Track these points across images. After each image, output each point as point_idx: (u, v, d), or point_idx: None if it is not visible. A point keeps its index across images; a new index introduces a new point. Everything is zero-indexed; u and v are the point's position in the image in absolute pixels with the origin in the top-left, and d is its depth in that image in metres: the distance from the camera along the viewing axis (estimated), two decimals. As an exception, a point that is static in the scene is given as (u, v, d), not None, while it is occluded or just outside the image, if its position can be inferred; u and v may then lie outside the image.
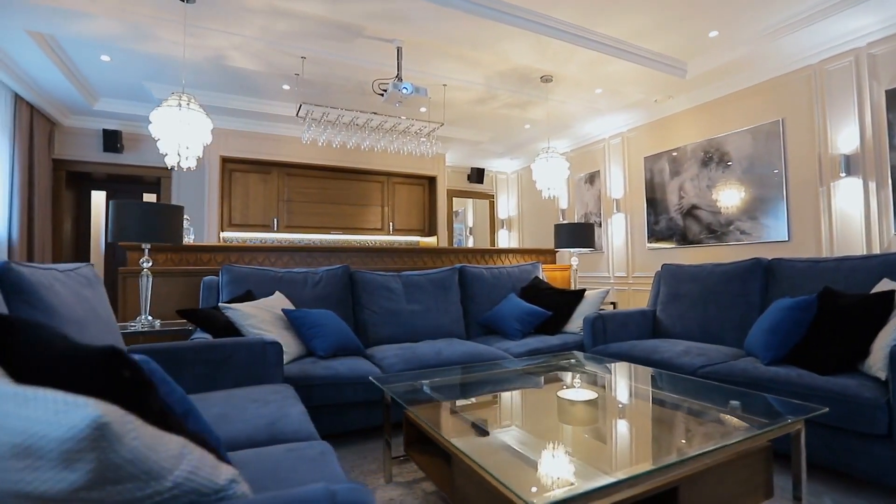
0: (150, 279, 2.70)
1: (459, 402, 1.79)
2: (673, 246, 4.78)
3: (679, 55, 4.07)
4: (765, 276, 2.74)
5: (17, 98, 4.30)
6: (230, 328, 2.43)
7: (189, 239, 3.44)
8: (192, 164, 3.01)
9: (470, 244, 8.96)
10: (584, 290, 3.47)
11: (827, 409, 1.47)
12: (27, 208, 4.48)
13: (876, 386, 1.73)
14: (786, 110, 3.84)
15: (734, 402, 1.59)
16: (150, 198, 5.88)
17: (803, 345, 2.11)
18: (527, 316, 3.24)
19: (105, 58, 3.96)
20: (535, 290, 3.56)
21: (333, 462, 1.19)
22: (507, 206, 7.91)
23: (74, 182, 5.46)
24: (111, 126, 5.21)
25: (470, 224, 9.80)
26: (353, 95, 4.59)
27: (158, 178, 5.57)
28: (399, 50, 3.65)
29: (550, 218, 6.80)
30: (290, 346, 2.49)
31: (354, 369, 2.37)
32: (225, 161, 5.40)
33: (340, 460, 2.12)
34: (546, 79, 4.33)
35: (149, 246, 2.72)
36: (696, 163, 4.54)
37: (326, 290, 3.03)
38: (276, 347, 2.10)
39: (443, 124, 4.39)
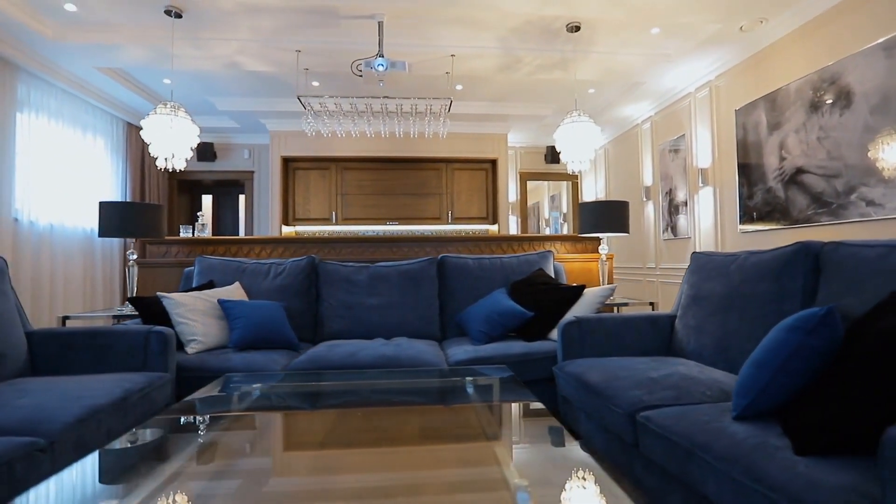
0: (136, 269, 3.03)
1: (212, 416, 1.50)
2: (772, 227, 3.46)
3: (755, -44, 2.87)
4: (812, 269, 1.72)
5: (128, 126, 5.33)
6: (164, 316, 2.56)
7: (204, 234, 3.78)
8: (182, 165, 3.28)
9: (565, 231, 8.12)
10: (583, 287, 2.73)
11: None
12: (141, 212, 5.56)
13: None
14: (945, 2, 2.38)
15: None
16: (241, 198, 6.74)
17: (811, 393, 1.23)
18: (498, 317, 2.69)
19: (166, 81, 4.62)
20: (528, 286, 2.94)
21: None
22: (593, 187, 6.88)
23: (188, 189, 6.59)
24: (204, 139, 6.11)
25: (564, 209, 8.90)
26: (373, 82, 4.46)
27: (244, 181, 6.36)
28: (380, 25, 3.38)
29: (635, 198, 5.66)
30: (214, 336, 2.50)
31: (251, 363, 2.26)
32: (287, 161, 5.86)
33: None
34: (572, 27, 3.53)
35: (134, 240, 3.05)
36: (801, 107, 3.18)
37: (286, 282, 2.98)
38: (160, 337, 2.12)
39: (451, 100, 3.95)
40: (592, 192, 6.88)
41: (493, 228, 6.19)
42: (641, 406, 1.56)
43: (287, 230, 5.91)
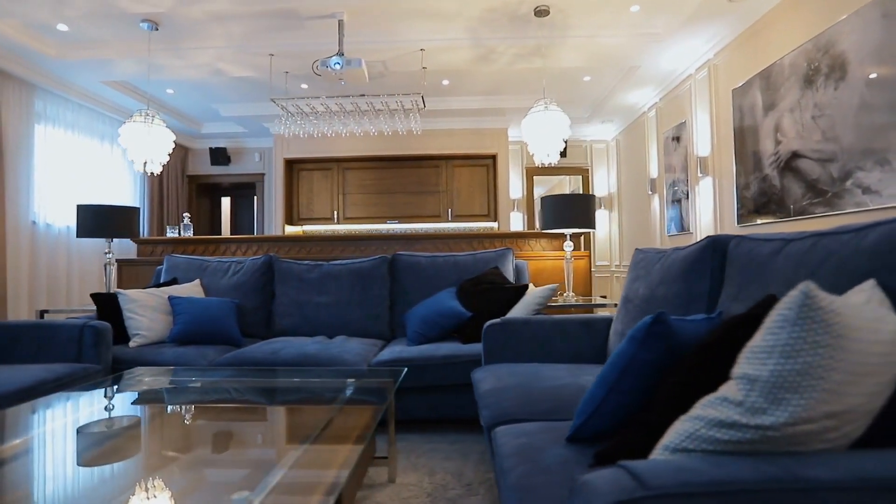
0: (114, 268, 3.22)
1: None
2: (768, 220, 3.08)
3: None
4: (719, 268, 1.49)
5: (146, 132, 5.72)
6: (119, 311, 2.70)
7: (187, 233, 3.95)
8: (158, 169, 3.44)
9: (585, 229, 7.75)
10: (525, 287, 2.57)
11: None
12: (158, 214, 5.94)
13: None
14: (945, -53, 1.98)
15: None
16: (255, 199, 7.03)
17: (647, 413, 1.05)
18: (436, 317, 2.59)
19: (169, 91, 4.88)
20: (475, 285, 2.80)
21: None
22: (605, 182, 6.49)
23: (207, 192, 6.96)
24: (218, 144, 6.43)
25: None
26: (361, 82, 4.45)
27: (256, 183, 6.62)
28: (340, 23, 3.36)
29: (641, 192, 5.27)
30: (158, 331, 2.58)
31: (181, 358, 2.33)
32: (290, 162, 6.02)
33: None
34: (541, 11, 3.33)
35: (111, 240, 3.24)
36: (796, 82, 2.79)
37: (243, 279, 3.04)
38: (93, 330, 2.24)
39: (421, 94, 3.85)
40: (604, 185, 6.50)
41: (494, 225, 6.01)
42: (502, 419, 1.42)
43: (292, 230, 6.08)
